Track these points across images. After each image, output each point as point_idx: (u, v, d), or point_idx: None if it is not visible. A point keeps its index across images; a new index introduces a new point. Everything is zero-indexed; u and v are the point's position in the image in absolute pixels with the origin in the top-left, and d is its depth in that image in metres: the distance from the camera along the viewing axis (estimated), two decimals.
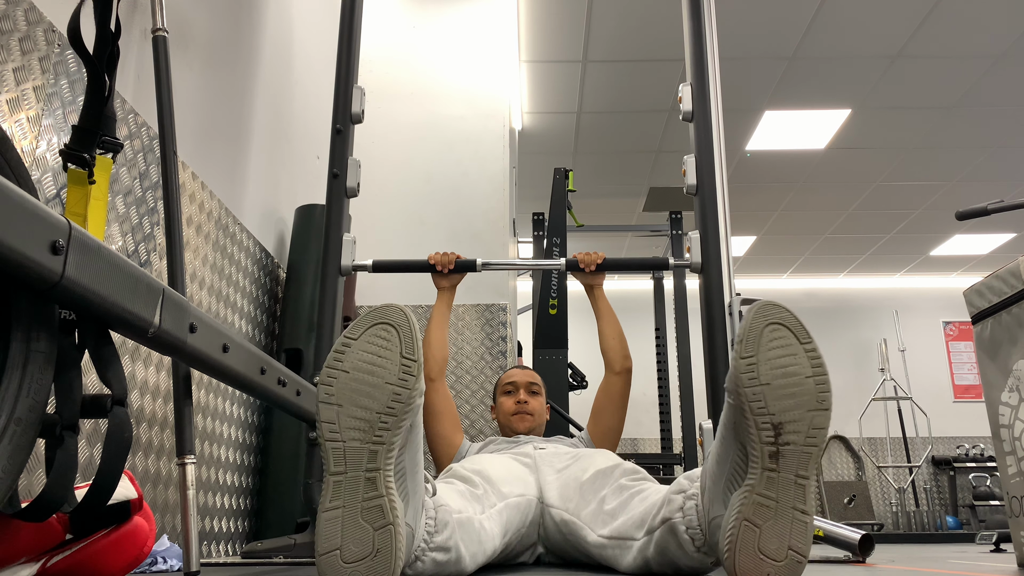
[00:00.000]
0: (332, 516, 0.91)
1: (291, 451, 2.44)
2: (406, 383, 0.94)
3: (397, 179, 3.54)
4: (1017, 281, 1.60)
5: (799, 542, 0.94)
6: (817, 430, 0.95)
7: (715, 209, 2.07)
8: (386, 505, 0.91)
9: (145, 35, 1.79)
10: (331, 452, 0.93)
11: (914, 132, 5.53)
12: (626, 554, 1.22)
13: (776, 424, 0.95)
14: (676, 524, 1.11)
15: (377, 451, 0.92)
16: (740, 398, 0.96)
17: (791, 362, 0.96)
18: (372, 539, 0.90)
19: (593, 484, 1.41)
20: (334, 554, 0.90)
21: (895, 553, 2.68)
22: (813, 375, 0.96)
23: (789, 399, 0.95)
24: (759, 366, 0.96)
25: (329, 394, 0.93)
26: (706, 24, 2.29)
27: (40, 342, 0.77)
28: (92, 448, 1.50)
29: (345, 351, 0.95)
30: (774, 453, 0.95)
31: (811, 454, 0.95)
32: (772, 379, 0.96)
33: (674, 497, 1.13)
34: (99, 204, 1.40)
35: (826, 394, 0.96)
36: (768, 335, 0.97)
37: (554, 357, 3.30)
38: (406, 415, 0.94)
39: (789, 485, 0.95)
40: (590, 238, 7.12)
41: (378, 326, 0.96)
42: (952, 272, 8.51)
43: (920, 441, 8.03)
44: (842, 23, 4.36)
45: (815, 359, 0.97)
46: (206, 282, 2.14)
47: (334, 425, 0.93)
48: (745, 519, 0.95)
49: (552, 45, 4.60)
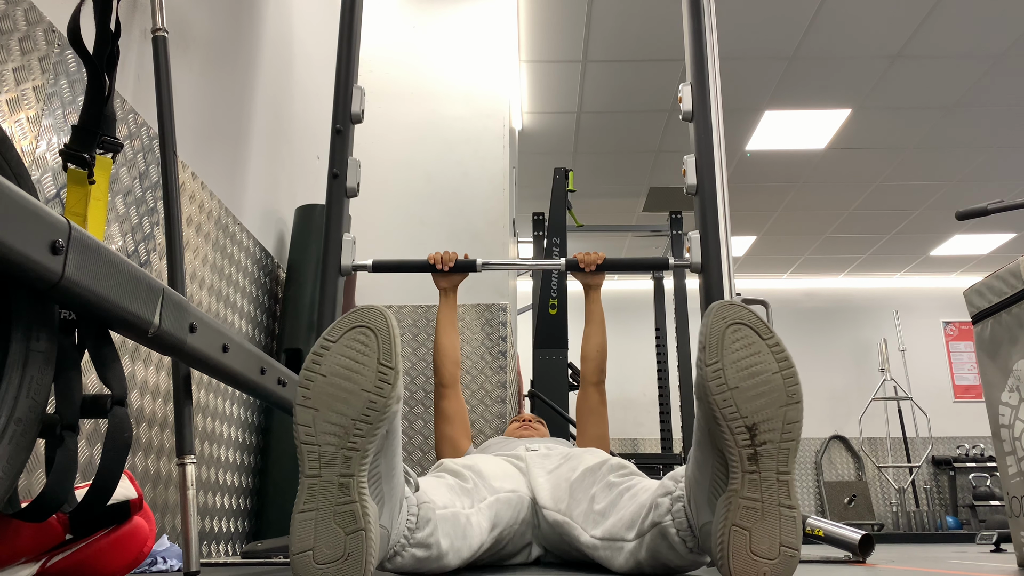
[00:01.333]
0: (305, 518, 0.92)
1: (291, 451, 2.44)
2: (382, 391, 0.94)
3: (397, 179, 3.54)
4: (1017, 281, 1.60)
5: (789, 537, 0.95)
6: (791, 424, 0.95)
7: (715, 209, 2.07)
8: (358, 511, 0.92)
9: (145, 35, 1.79)
10: (306, 455, 0.93)
11: (914, 132, 5.54)
12: (618, 556, 1.22)
13: (750, 426, 0.95)
14: (666, 528, 1.11)
15: (351, 457, 0.93)
16: (711, 405, 0.96)
17: (756, 361, 0.96)
18: (344, 543, 0.91)
19: (582, 483, 1.41)
20: (307, 554, 0.91)
21: (895, 553, 2.68)
22: (780, 370, 0.96)
23: (760, 399, 0.95)
24: (725, 370, 0.96)
25: (306, 397, 0.94)
26: (706, 24, 2.30)
27: (40, 342, 0.77)
28: (92, 448, 1.50)
29: (323, 354, 0.95)
30: (752, 455, 0.95)
31: (789, 449, 0.95)
32: (740, 381, 0.95)
33: (661, 500, 1.13)
34: (99, 204, 1.40)
35: (795, 387, 0.96)
36: (730, 336, 0.97)
37: (554, 357, 3.30)
38: (381, 423, 0.94)
39: (772, 483, 0.95)
40: (590, 238, 7.12)
41: (357, 329, 0.96)
42: (952, 272, 8.51)
43: (920, 441, 8.03)
44: (842, 23, 4.36)
45: (779, 353, 0.97)
46: (206, 282, 2.14)
47: (310, 428, 0.93)
48: (733, 524, 0.95)
49: (552, 45, 4.60)
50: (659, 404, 5.00)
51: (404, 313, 3.28)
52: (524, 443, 1.81)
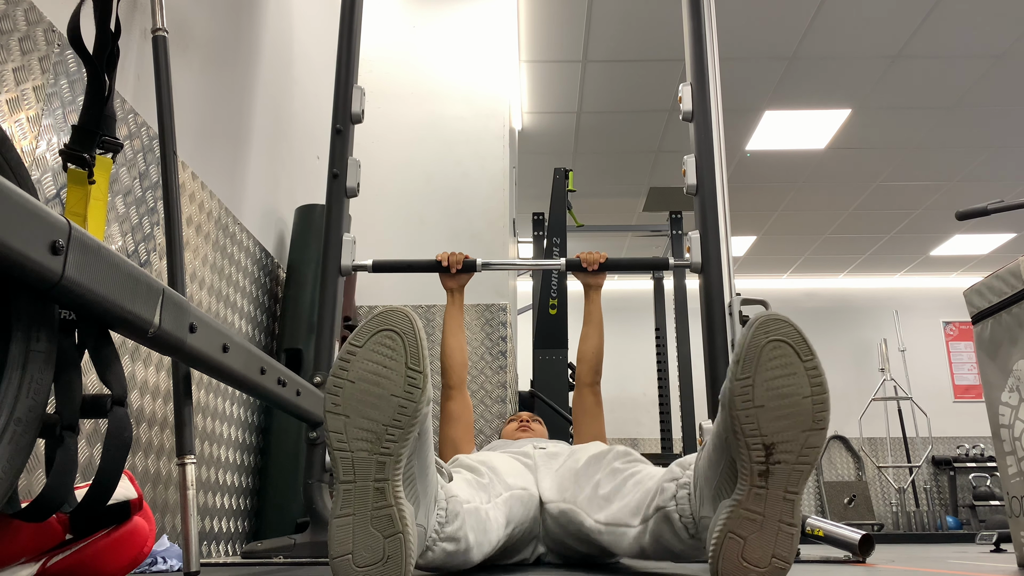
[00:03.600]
0: (343, 523, 0.92)
1: (291, 451, 2.44)
2: (411, 395, 0.93)
3: (397, 179, 3.54)
4: (1017, 281, 1.60)
5: (783, 551, 0.95)
6: (810, 449, 0.94)
7: (715, 209, 2.07)
8: (395, 514, 0.92)
9: (145, 35, 1.79)
10: (340, 461, 0.93)
11: (914, 132, 5.53)
12: (622, 540, 1.24)
13: (768, 445, 0.94)
14: (670, 512, 1.13)
15: (385, 462, 0.93)
16: (732, 419, 0.95)
17: (789, 383, 0.94)
18: (383, 547, 0.92)
19: (587, 470, 1.42)
20: (346, 558, 0.92)
21: (895, 553, 2.68)
22: (811, 395, 0.94)
23: (783, 420, 0.93)
24: (755, 388, 0.94)
25: (336, 403, 0.93)
26: (706, 24, 2.29)
27: (40, 342, 0.77)
28: (92, 448, 1.50)
29: (350, 359, 0.94)
30: (764, 472, 0.94)
31: (802, 472, 0.94)
32: (767, 401, 0.94)
33: (667, 485, 1.16)
34: (99, 204, 1.40)
35: (823, 414, 0.94)
36: (768, 353, 0.94)
37: (554, 357, 3.30)
38: (412, 427, 0.94)
39: (778, 501, 0.94)
40: (590, 238, 7.12)
41: (383, 333, 0.95)
42: (952, 272, 8.51)
43: (920, 441, 8.03)
44: (842, 23, 4.36)
45: (815, 377, 0.94)
46: (206, 282, 2.14)
47: (342, 435, 0.93)
48: (730, 531, 0.96)
49: (552, 45, 4.60)
50: (659, 404, 5.00)
51: None
52: (532, 442, 1.82)
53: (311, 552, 1.84)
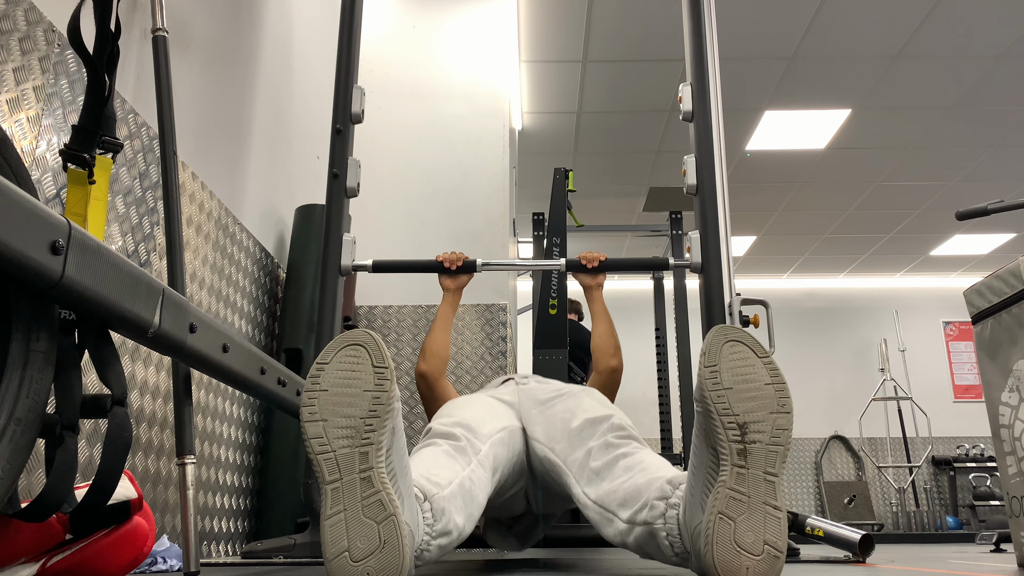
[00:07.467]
0: (335, 521, 0.95)
1: (291, 451, 2.44)
2: (383, 386, 0.99)
3: (397, 179, 3.54)
4: (1017, 281, 1.60)
5: (774, 537, 0.98)
6: (781, 430, 1.01)
7: (715, 209, 2.07)
8: (385, 498, 0.95)
9: (145, 35, 1.79)
10: (323, 463, 0.96)
11: (914, 132, 5.53)
12: (607, 527, 1.27)
13: (741, 424, 1.01)
14: (657, 530, 1.16)
15: (368, 451, 0.96)
16: (706, 403, 1.03)
17: (751, 372, 1.04)
18: (377, 533, 0.94)
19: (581, 433, 1.43)
20: (343, 556, 0.93)
21: (895, 553, 2.68)
22: (772, 382, 1.03)
23: (751, 401, 1.02)
24: (721, 373, 1.04)
25: (312, 412, 0.97)
26: (706, 24, 2.30)
27: (40, 342, 0.77)
28: (92, 448, 1.50)
29: (320, 373, 0.99)
30: (741, 451, 1.01)
31: (777, 452, 1.01)
32: (734, 383, 1.03)
33: (656, 503, 1.18)
34: (99, 204, 1.40)
35: (786, 399, 1.03)
36: (728, 350, 1.05)
37: (554, 357, 3.30)
38: (388, 415, 0.98)
39: (759, 481, 1.00)
40: (590, 238, 7.12)
41: (347, 348, 1.01)
42: (952, 272, 8.51)
43: (920, 441, 8.03)
44: (842, 23, 4.36)
45: (773, 370, 1.04)
46: (206, 282, 2.14)
47: (322, 438, 0.97)
48: (719, 512, 0.99)
49: (552, 45, 4.60)
50: (659, 404, 4.99)
51: (404, 313, 3.29)
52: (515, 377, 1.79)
53: (311, 552, 1.84)
